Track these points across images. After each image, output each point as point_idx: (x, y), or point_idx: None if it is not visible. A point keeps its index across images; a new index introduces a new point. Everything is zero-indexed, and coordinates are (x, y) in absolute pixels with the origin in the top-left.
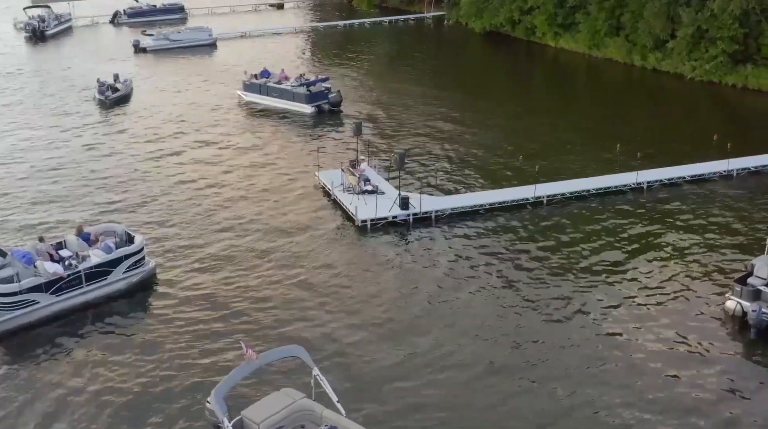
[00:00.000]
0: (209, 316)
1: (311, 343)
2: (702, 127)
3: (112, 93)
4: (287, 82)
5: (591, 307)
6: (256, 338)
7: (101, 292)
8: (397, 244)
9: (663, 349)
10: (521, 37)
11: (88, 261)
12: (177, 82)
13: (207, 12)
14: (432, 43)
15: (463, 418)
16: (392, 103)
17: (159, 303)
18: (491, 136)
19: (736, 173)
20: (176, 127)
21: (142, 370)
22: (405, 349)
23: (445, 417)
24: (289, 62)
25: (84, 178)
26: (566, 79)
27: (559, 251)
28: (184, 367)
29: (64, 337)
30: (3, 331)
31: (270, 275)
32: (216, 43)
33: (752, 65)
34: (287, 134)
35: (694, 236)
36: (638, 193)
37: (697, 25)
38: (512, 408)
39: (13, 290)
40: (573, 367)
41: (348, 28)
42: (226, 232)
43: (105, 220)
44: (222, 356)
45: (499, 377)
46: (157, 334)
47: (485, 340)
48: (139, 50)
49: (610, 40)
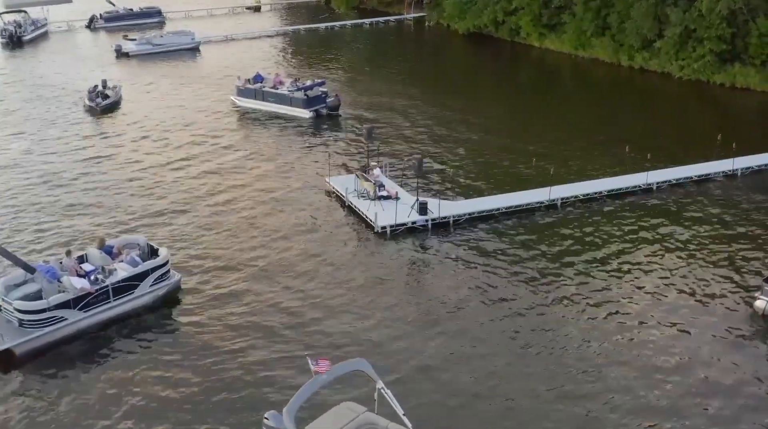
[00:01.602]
0: (240, 331)
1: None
2: (699, 127)
3: (102, 100)
4: (282, 86)
5: (620, 309)
6: (293, 352)
7: (128, 307)
8: (421, 250)
9: (692, 347)
10: (505, 37)
11: (115, 275)
12: (165, 88)
13: (184, 15)
14: (416, 44)
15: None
16: (385, 106)
17: (186, 318)
18: (490, 137)
19: (740, 172)
20: (174, 135)
21: (182, 389)
22: (466, 358)
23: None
24: (276, 66)
25: (91, 188)
26: (556, 80)
27: (583, 253)
28: (226, 384)
29: (93, 354)
30: (32, 349)
31: (296, 286)
32: (199, 47)
33: (740, 64)
34: (289, 140)
35: (711, 236)
36: (648, 193)
37: (684, 25)
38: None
39: (42, 307)
40: (609, 370)
41: (329, 30)
42: (247, 243)
43: (116, 232)
44: (266, 372)
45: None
46: (189, 348)
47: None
48: (121, 55)
49: (597, 40)
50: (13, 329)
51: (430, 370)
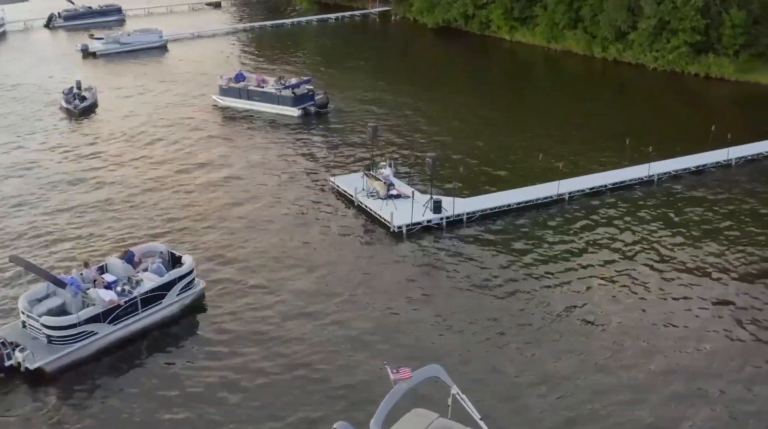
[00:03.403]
0: (275, 338)
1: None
2: (684, 118)
3: (80, 102)
4: (266, 85)
5: (649, 300)
6: (367, 362)
7: (156, 317)
8: (443, 247)
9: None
10: (475, 31)
11: (142, 285)
12: (139, 88)
13: (144, 13)
14: (386, 39)
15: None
16: (367, 101)
17: (215, 326)
18: (480, 132)
19: (734, 162)
20: (163, 138)
21: (231, 399)
22: (524, 361)
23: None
24: (250, 63)
25: (88, 194)
26: (531, 73)
27: (601, 245)
28: (277, 391)
29: (124, 368)
30: (62, 366)
31: (320, 291)
32: (167, 45)
33: (714, 55)
34: (283, 140)
35: (723, 223)
36: (650, 185)
37: (659, 17)
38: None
39: (72, 322)
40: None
41: (296, 26)
42: (260, 246)
43: (120, 239)
44: (308, 379)
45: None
46: (227, 359)
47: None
48: (88, 55)
49: (570, 32)
50: (42, 346)
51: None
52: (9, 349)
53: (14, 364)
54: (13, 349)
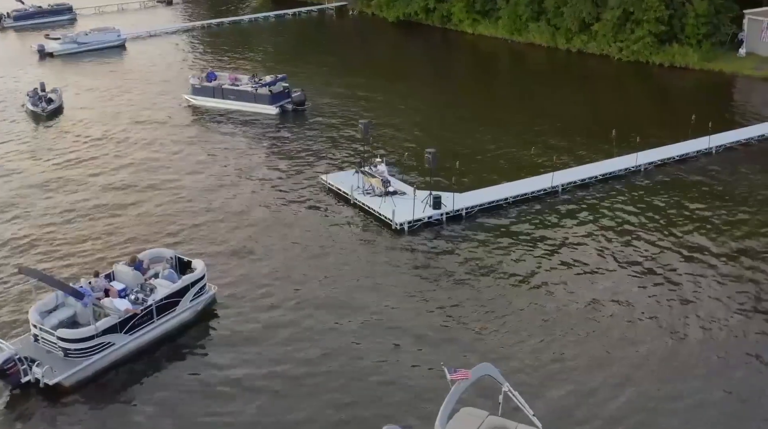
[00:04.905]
0: (294, 341)
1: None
2: (655, 108)
3: (47, 104)
4: (240, 83)
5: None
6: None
7: (171, 325)
8: (449, 242)
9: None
10: (436, 24)
11: (156, 293)
12: (104, 88)
13: (95, 11)
14: (346, 34)
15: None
16: (341, 97)
17: (229, 332)
18: (456, 125)
19: (714, 150)
20: (138, 141)
21: (256, 413)
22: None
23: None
24: (213, 61)
25: (85, 197)
26: (498, 67)
27: (601, 234)
28: (303, 394)
29: (141, 378)
30: (81, 379)
31: (332, 292)
32: (125, 44)
33: (677, 44)
34: (264, 140)
35: (722, 209)
36: (637, 174)
37: (622, 8)
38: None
39: (90, 334)
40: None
41: (253, 22)
42: (264, 250)
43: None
44: (332, 381)
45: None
46: (252, 365)
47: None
48: (45, 55)
49: (533, 24)
50: (59, 360)
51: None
52: (25, 364)
53: (31, 379)
54: (29, 365)
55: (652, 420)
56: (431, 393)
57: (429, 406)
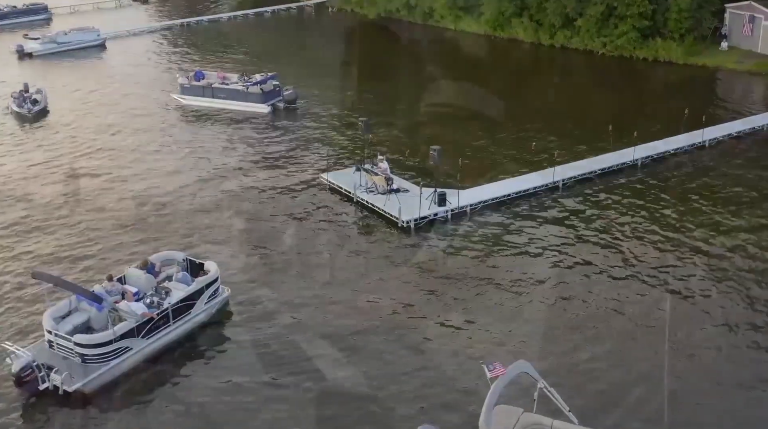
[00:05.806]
0: (308, 342)
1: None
2: (640, 101)
3: (32, 106)
4: (229, 81)
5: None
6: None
7: (186, 327)
8: (460, 240)
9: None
10: (417, 21)
11: (172, 296)
12: (88, 89)
13: (70, 11)
14: (327, 31)
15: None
16: (332, 95)
17: (245, 335)
18: (448, 122)
19: (708, 143)
20: (133, 143)
21: (280, 417)
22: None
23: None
24: (197, 59)
25: (86, 200)
26: (483, 62)
27: (605, 228)
28: (322, 396)
29: (160, 382)
30: (100, 385)
31: (344, 292)
32: (105, 44)
33: (661, 39)
34: (258, 139)
35: (717, 202)
36: (634, 169)
37: (606, 3)
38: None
39: (108, 338)
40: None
41: (233, 20)
42: (272, 250)
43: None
44: (352, 381)
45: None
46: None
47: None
48: (24, 56)
49: (516, 20)
50: (77, 366)
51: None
52: (42, 371)
53: (49, 387)
54: (47, 372)
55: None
56: (450, 391)
57: (454, 403)
